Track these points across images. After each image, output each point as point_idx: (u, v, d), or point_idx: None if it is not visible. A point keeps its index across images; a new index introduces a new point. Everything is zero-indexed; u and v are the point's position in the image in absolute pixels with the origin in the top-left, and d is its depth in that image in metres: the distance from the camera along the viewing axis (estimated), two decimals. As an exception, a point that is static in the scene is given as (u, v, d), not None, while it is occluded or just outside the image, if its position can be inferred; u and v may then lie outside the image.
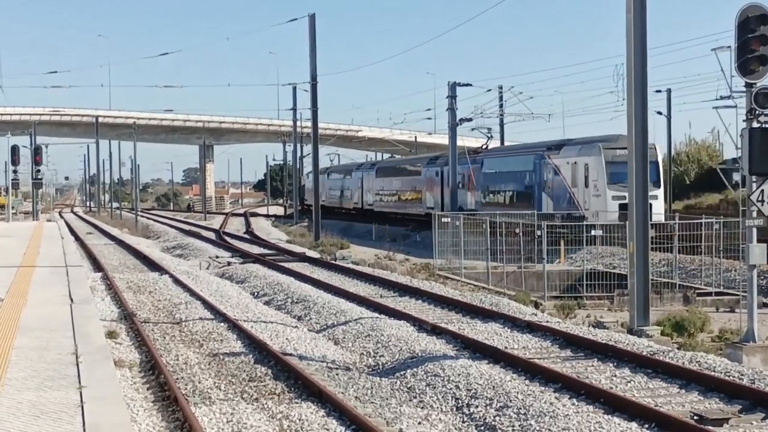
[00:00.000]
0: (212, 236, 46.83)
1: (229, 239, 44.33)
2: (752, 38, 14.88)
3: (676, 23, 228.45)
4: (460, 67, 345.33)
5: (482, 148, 48.85)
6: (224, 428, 9.96)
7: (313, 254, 34.68)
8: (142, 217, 72.31)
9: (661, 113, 48.06)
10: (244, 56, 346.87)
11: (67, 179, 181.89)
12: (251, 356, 14.02)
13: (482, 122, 48.37)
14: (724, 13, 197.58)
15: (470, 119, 45.40)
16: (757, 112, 14.94)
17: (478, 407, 11.06)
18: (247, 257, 32.73)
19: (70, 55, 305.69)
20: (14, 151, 54.53)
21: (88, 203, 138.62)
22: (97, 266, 29.19)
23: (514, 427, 10.20)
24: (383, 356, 14.58)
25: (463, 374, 12.32)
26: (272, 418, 10.45)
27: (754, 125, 15.01)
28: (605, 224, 31.50)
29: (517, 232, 30.54)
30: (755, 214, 15.26)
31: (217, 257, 33.29)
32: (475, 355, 14.11)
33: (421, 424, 10.57)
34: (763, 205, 15.14)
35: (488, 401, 11.16)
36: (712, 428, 9.85)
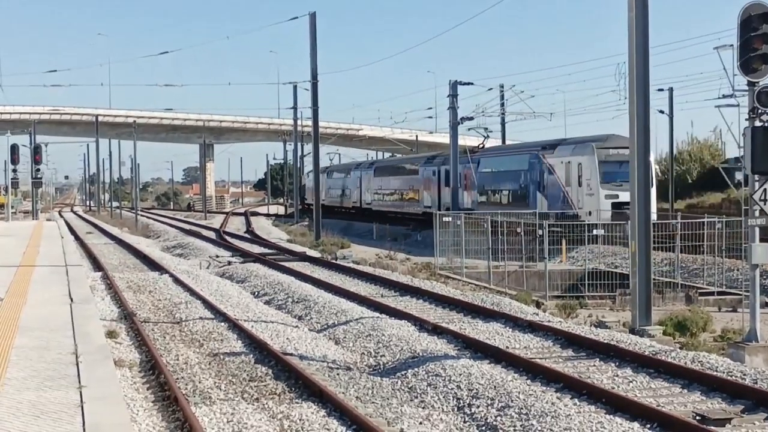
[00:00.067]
0: (212, 235, 46.80)
1: (229, 238, 44.30)
2: (755, 37, 14.82)
3: (677, 23, 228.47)
4: (460, 66, 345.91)
5: (479, 147, 48.86)
6: (224, 428, 9.92)
7: (313, 254, 34.66)
8: (142, 216, 72.31)
9: (663, 112, 48.01)
10: (244, 55, 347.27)
11: (66, 178, 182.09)
12: (252, 356, 13.98)
13: (483, 121, 48.44)
14: (724, 12, 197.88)
15: (471, 118, 45.37)
16: (759, 110, 14.89)
17: (479, 407, 11.02)
18: (247, 257, 32.70)
19: (69, 54, 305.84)
20: (14, 150, 54.48)
21: (87, 202, 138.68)
22: (97, 266, 29.15)
23: (515, 427, 10.16)
24: (384, 356, 14.54)
25: (464, 374, 12.28)
26: (273, 418, 10.41)
27: (756, 124, 14.96)
28: (606, 223, 31.53)
29: (518, 231, 30.53)
30: (758, 213, 15.21)
31: (217, 257, 33.26)
32: (476, 354, 14.09)
33: (422, 424, 10.54)
34: (765, 204, 15.09)
35: (490, 401, 11.13)
36: (714, 428, 9.83)
